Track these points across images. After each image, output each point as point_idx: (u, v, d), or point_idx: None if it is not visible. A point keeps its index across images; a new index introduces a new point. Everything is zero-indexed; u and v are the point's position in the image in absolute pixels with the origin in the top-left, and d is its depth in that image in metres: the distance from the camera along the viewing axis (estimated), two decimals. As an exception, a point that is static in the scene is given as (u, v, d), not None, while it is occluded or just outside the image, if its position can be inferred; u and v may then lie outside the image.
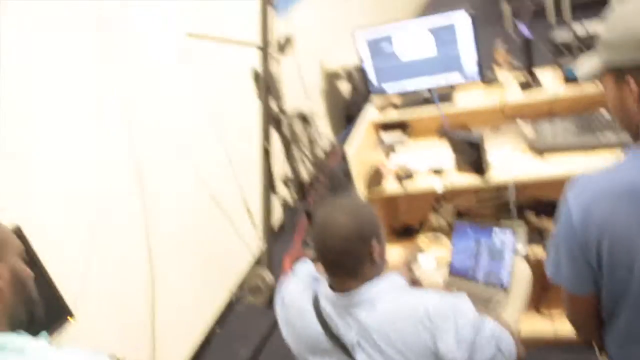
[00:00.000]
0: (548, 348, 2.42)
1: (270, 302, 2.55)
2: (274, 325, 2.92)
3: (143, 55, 2.84)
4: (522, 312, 1.96)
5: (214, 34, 2.57)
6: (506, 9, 5.61)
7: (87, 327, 2.36)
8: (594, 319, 1.41)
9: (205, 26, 3.04)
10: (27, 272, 1.18)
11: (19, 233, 1.85)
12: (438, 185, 2.35)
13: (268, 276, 2.52)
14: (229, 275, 3.49)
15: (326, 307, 1.61)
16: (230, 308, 3.43)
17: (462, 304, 1.55)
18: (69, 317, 2.09)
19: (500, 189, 2.52)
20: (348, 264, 1.55)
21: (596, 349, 1.53)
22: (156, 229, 2.89)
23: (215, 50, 2.75)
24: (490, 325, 1.55)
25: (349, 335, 1.57)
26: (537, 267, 2.18)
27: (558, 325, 2.44)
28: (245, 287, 2.57)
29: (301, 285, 1.76)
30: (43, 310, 1.28)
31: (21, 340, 1.11)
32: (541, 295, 2.54)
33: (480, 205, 2.61)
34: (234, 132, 3.45)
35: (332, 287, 1.61)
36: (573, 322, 1.48)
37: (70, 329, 2.18)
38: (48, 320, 2.03)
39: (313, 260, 2.78)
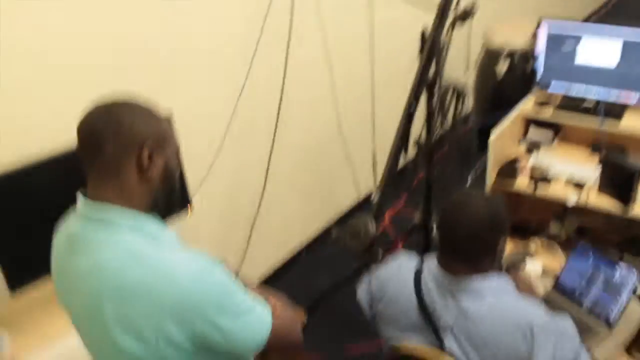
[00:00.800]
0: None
1: (364, 251, 2.58)
2: (359, 271, 2.99)
3: None
4: (618, 354, 1.88)
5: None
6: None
7: (194, 220, 2.51)
8: None
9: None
10: (177, 167, 1.26)
11: (170, 118, 1.94)
12: (572, 198, 2.25)
13: (372, 226, 2.55)
14: (332, 207, 3.58)
15: (428, 282, 1.62)
16: (323, 239, 3.54)
17: (568, 329, 1.53)
18: (189, 208, 2.20)
19: (635, 222, 2.38)
20: (472, 249, 1.55)
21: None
22: (282, 139, 2.97)
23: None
24: (585, 356, 1.53)
25: (445, 317, 1.57)
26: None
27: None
28: (347, 229, 2.61)
29: (406, 258, 1.77)
30: (179, 203, 1.37)
31: (156, 227, 1.19)
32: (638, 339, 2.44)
33: (607, 229, 2.48)
34: (386, 78, 3.47)
35: (441, 264, 1.61)
36: None
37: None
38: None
39: (415, 226, 2.78)
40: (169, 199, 1.26)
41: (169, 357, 1.14)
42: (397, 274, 1.71)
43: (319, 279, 3.19)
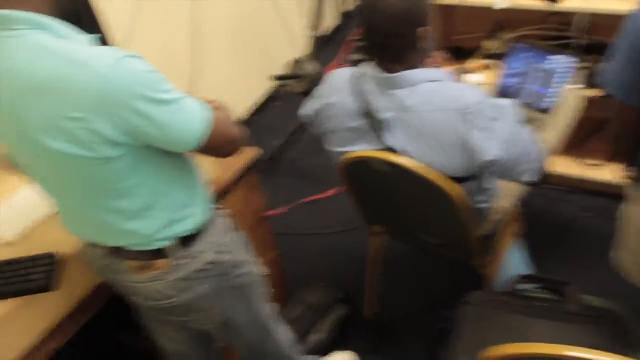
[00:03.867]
0: (571, 191, 2.49)
1: (307, 92, 2.56)
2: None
3: None
4: (560, 141, 1.94)
5: None
6: None
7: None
8: (635, 134, 1.41)
9: None
10: None
11: None
12: (499, 1, 2.23)
13: (312, 66, 2.50)
14: (271, 69, 3.51)
15: (366, 83, 1.62)
16: (267, 102, 3.50)
17: (505, 105, 1.55)
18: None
19: (567, 25, 2.40)
20: (394, 46, 1.53)
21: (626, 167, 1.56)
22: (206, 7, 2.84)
23: None
24: (524, 130, 1.57)
25: (383, 112, 1.59)
26: (586, 110, 2.14)
27: (587, 173, 2.47)
28: (290, 74, 2.56)
29: (343, 68, 1.76)
30: (88, 20, 1.29)
31: (66, 27, 1.12)
32: (582, 144, 2.54)
33: (540, 38, 2.50)
34: None
35: (375, 67, 1.60)
36: (617, 134, 1.50)
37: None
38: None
39: (355, 62, 2.74)
40: (75, 7, 1.19)
41: (111, 156, 1.12)
42: (337, 83, 1.71)
43: (272, 138, 3.19)
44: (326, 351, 2.17)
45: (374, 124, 1.61)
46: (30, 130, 1.09)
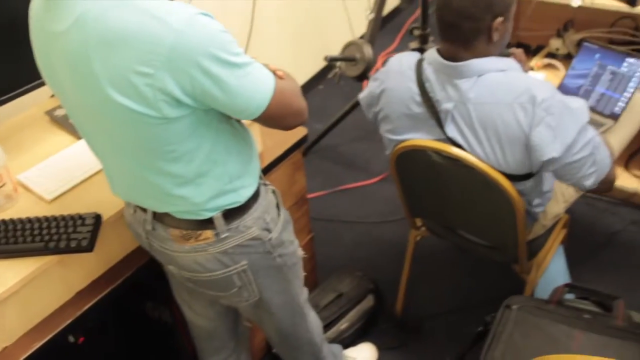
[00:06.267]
0: (621, 204, 2.42)
1: (360, 77, 2.48)
2: (353, 108, 2.92)
3: None
4: (623, 146, 1.85)
5: None
6: None
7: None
8: None
9: None
10: None
11: None
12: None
13: (368, 50, 2.43)
14: (322, 52, 3.45)
15: (428, 72, 1.55)
16: (310, 83, 3.43)
17: (574, 103, 1.46)
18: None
19: (638, 31, 2.28)
20: (465, 29, 1.44)
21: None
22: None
23: None
24: (593, 133, 1.48)
25: (445, 104, 1.52)
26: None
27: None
28: (343, 56, 2.48)
29: (407, 53, 1.69)
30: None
31: None
32: (636, 154, 2.43)
33: (610, 41, 2.39)
34: None
35: (440, 54, 1.53)
36: None
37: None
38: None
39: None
40: None
41: (172, 116, 1.08)
42: (399, 68, 1.64)
43: (315, 122, 3.12)
44: (350, 341, 2.12)
45: (434, 114, 1.54)
46: (101, 81, 1.05)
